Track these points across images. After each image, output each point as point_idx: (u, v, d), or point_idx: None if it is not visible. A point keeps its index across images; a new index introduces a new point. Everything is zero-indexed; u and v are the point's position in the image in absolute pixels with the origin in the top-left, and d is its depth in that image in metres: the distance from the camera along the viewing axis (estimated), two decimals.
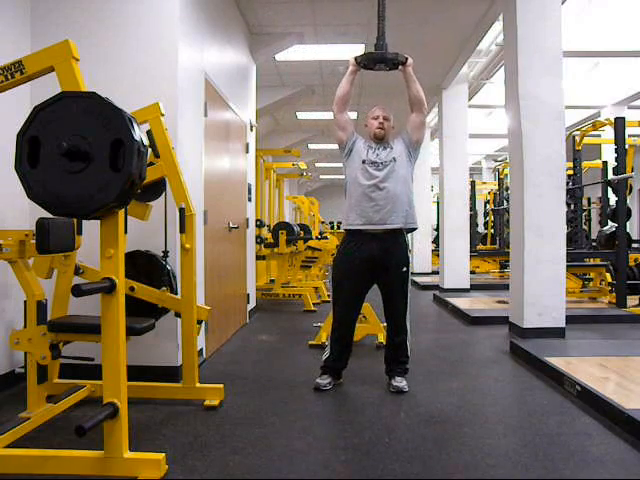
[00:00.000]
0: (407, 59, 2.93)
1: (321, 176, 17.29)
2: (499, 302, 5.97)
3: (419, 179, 9.92)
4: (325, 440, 2.31)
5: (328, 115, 9.16)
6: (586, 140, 7.10)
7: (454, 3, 4.96)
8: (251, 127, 5.42)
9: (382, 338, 3.90)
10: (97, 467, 1.83)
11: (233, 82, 4.73)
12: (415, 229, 3.04)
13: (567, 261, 4.31)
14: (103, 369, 1.83)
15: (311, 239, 6.99)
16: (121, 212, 1.85)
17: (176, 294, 2.77)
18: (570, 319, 4.20)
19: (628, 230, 6.18)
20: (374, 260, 2.91)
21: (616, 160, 5.57)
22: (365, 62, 2.95)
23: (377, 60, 2.92)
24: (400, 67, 2.96)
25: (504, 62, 4.89)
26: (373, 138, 3.02)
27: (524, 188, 4.11)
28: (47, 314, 2.30)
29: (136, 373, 2.48)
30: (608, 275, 5.91)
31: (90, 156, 1.70)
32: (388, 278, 2.97)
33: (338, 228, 13.63)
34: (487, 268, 9.94)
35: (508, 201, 8.99)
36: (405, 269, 2.97)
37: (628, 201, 5.95)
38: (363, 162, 2.94)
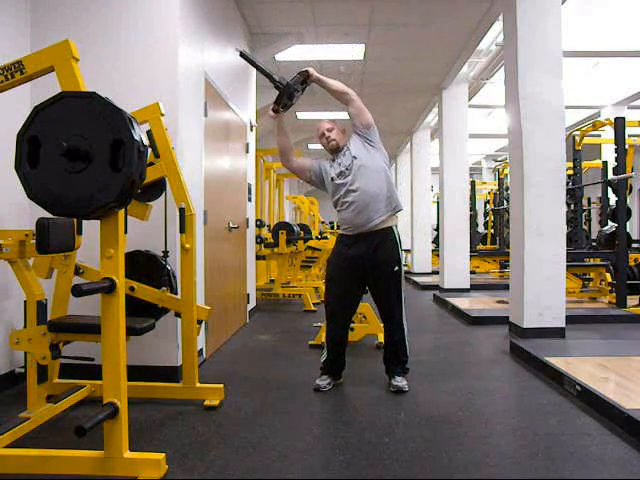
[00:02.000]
0: (307, 71, 2.88)
1: None
2: (499, 302, 5.97)
3: (419, 179, 10.01)
4: (325, 440, 2.31)
5: (328, 115, 9.14)
6: (586, 140, 7.10)
7: (454, 3, 4.96)
8: (251, 127, 5.42)
9: (382, 338, 3.89)
10: (97, 467, 1.83)
11: (233, 82, 4.73)
12: (401, 209, 3.00)
13: (567, 261, 4.31)
14: (103, 369, 1.83)
15: (311, 239, 6.98)
16: (121, 212, 1.85)
17: (176, 294, 2.77)
18: (570, 319, 4.20)
19: (628, 230, 6.18)
20: (364, 259, 2.91)
21: (616, 160, 5.57)
22: (282, 105, 2.90)
23: (288, 95, 2.85)
24: (308, 81, 2.92)
25: (504, 62, 4.89)
26: (331, 152, 3.05)
27: (524, 188, 4.11)
28: (47, 314, 2.30)
29: (136, 373, 2.48)
30: (608, 275, 5.91)
31: (90, 156, 1.70)
32: (379, 278, 2.97)
33: (338, 228, 13.60)
34: (487, 268, 9.94)
35: (508, 201, 9.00)
36: (397, 268, 2.96)
37: (628, 201, 5.95)
38: (332, 180, 2.98)
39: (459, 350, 4.08)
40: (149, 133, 2.66)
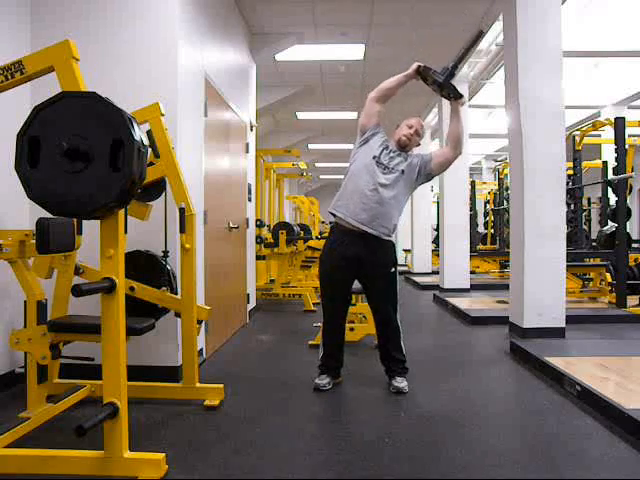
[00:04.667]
0: (462, 96, 2.90)
1: (321, 176, 17.27)
2: (499, 302, 5.97)
3: None
4: (325, 440, 2.31)
5: (328, 115, 9.14)
6: (586, 140, 7.10)
7: (454, 3, 4.96)
8: (251, 127, 5.42)
9: None
10: (97, 467, 1.83)
11: (233, 82, 4.73)
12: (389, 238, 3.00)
13: (567, 261, 4.31)
14: (103, 369, 1.83)
15: (311, 239, 6.99)
16: (121, 212, 1.85)
17: (176, 294, 2.77)
18: (570, 319, 4.20)
19: (628, 230, 6.18)
20: (360, 259, 2.90)
21: (616, 160, 5.57)
22: (425, 76, 2.88)
23: (437, 82, 2.85)
24: (451, 100, 2.92)
25: (504, 62, 4.89)
26: (396, 142, 2.99)
27: (524, 188, 4.11)
28: (47, 314, 2.30)
29: (136, 373, 2.48)
30: (608, 275, 5.91)
31: (90, 156, 1.70)
32: (374, 278, 2.97)
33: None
34: (487, 268, 9.94)
35: (508, 201, 9.00)
36: (393, 269, 2.96)
37: (628, 201, 5.95)
38: (373, 158, 2.89)
39: (459, 350, 4.08)
40: (149, 133, 2.66)
